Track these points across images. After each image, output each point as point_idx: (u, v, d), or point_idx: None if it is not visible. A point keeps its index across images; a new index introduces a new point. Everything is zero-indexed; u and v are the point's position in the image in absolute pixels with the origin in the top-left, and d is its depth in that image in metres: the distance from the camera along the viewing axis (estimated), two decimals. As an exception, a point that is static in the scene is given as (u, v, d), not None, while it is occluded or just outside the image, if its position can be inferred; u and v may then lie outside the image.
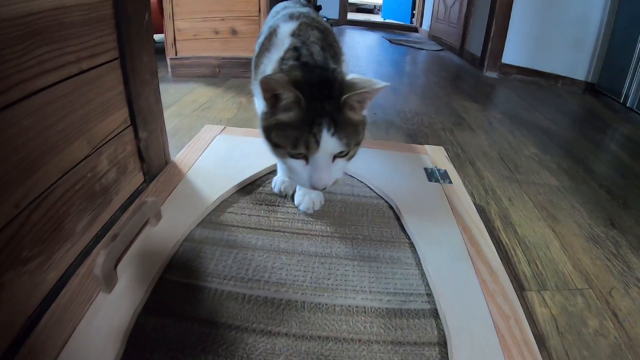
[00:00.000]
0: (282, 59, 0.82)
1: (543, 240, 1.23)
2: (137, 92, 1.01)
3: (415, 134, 1.74)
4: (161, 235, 0.84)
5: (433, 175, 1.14)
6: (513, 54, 3.43)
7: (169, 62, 2.59)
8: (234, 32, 2.53)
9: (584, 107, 2.96)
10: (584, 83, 3.27)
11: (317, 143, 0.71)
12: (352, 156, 0.80)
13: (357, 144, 0.78)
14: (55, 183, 0.73)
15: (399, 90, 2.55)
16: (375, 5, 8.44)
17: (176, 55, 2.57)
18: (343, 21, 5.67)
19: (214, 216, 0.93)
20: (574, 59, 3.29)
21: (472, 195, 1.32)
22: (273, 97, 0.73)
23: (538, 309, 0.96)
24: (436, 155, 1.26)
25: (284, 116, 0.73)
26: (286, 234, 0.90)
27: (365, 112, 0.81)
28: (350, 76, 0.77)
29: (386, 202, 1.03)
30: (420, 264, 0.84)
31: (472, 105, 2.44)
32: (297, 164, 0.75)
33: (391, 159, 1.22)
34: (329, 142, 0.72)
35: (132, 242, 0.79)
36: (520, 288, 1.01)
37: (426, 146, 1.31)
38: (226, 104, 1.98)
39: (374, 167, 1.16)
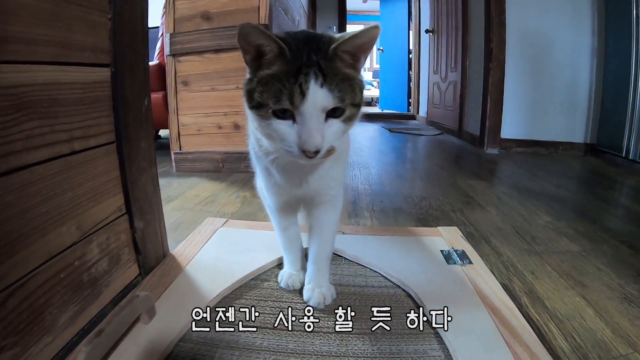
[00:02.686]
0: None
1: (575, 310, 1.17)
2: (134, 180, 0.99)
3: (425, 218, 1.74)
4: (154, 333, 0.79)
5: (451, 257, 1.12)
6: (511, 128, 3.53)
7: (173, 156, 2.66)
8: (236, 127, 2.62)
9: (587, 168, 2.99)
10: (584, 145, 3.37)
11: (303, 94, 0.65)
12: (350, 120, 0.72)
13: (355, 105, 0.71)
14: (38, 268, 0.69)
15: (404, 176, 2.59)
16: (372, 98, 8.85)
17: (180, 150, 2.66)
18: None
19: (213, 314, 0.88)
20: (570, 123, 3.42)
21: (492, 274, 1.29)
22: (256, 56, 0.70)
23: (587, 386, 0.89)
24: (451, 236, 1.24)
25: (267, 71, 0.68)
26: (295, 332, 0.85)
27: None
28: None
29: (404, 290, 1.00)
30: (450, 356, 0.78)
31: (478, 183, 2.45)
32: (284, 126, 0.68)
33: (404, 245, 1.21)
34: (317, 94, 0.65)
35: (120, 340, 0.75)
36: (565, 366, 0.94)
37: (439, 228, 1.30)
38: (229, 198, 2.00)
39: (387, 255, 1.14)
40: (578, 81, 3.41)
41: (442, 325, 0.84)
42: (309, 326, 0.86)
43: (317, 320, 0.88)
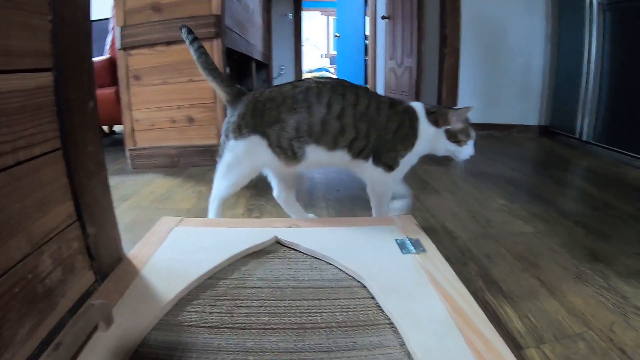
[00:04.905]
0: None
1: (530, 291, 1.19)
2: (83, 185, 0.96)
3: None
4: (113, 341, 0.76)
5: (405, 246, 1.12)
6: None
7: (128, 153, 2.59)
8: (190, 120, 2.57)
9: (542, 150, 3.08)
10: (538, 127, 3.50)
11: None
12: None
13: None
14: (-11, 285, 0.66)
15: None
16: None
17: (135, 145, 2.59)
18: None
19: (172, 317, 0.86)
20: (524, 107, 3.54)
21: (448, 259, 1.30)
22: None
23: (541, 366, 0.91)
24: (406, 225, 1.24)
25: None
26: (252, 330, 0.83)
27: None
28: None
29: (359, 282, 0.99)
30: (405, 345, 0.78)
31: (434, 168, 2.48)
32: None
33: (359, 236, 1.20)
34: None
35: (79, 351, 0.72)
36: (517, 347, 0.95)
37: (394, 217, 1.30)
38: (185, 193, 1.96)
39: (342, 247, 1.13)
40: (532, 66, 3.54)
41: (396, 316, 0.84)
42: (265, 323, 0.85)
43: (274, 317, 0.87)
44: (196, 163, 2.57)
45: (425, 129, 1.36)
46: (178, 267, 1.03)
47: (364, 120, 1.30)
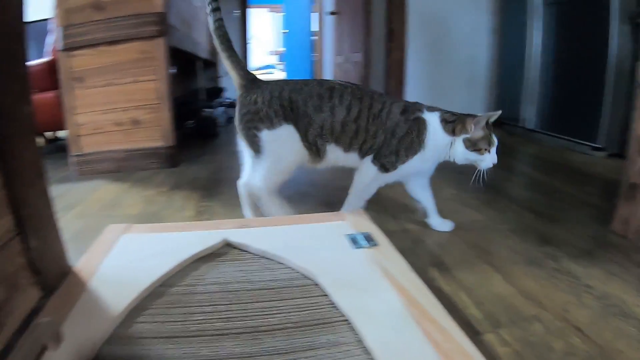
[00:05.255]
0: None
1: (484, 278, 1.20)
2: (22, 196, 0.90)
3: (332, 202, 1.71)
4: None
5: (356, 240, 1.10)
6: None
7: (73, 159, 2.46)
8: (136, 122, 2.47)
9: None
10: None
11: None
12: None
13: None
14: None
15: None
16: None
17: (80, 151, 2.45)
18: None
19: (124, 329, 0.81)
20: (471, 98, 3.65)
21: (401, 250, 1.29)
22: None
23: (500, 350, 0.91)
24: (356, 219, 1.23)
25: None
26: (207, 337, 0.79)
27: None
28: None
29: (312, 280, 0.97)
30: (362, 341, 0.76)
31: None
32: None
33: (311, 233, 1.18)
34: None
35: None
36: (475, 333, 0.95)
37: (345, 212, 1.28)
38: (134, 199, 1.88)
39: (293, 245, 1.10)
40: (477, 58, 3.66)
41: (351, 312, 0.82)
42: (219, 328, 0.82)
43: (228, 321, 0.84)
44: (143, 167, 2.47)
45: (436, 139, 1.34)
46: (127, 276, 0.98)
47: (375, 123, 1.33)
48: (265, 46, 9.96)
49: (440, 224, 1.51)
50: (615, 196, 1.55)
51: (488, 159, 1.34)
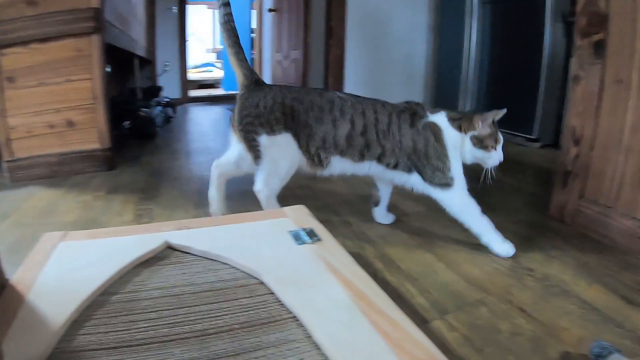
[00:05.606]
0: None
1: (428, 267, 1.23)
2: None
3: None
4: None
5: (299, 236, 1.08)
6: None
7: (5, 165, 2.29)
8: (70, 124, 2.33)
9: None
10: None
11: None
12: None
13: None
14: None
15: None
16: (216, 80, 8.61)
17: (12, 157, 2.28)
18: (185, 99, 5.65)
19: (66, 343, 0.76)
20: (409, 93, 3.66)
21: (345, 244, 1.29)
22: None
23: (448, 335, 0.93)
24: (298, 215, 1.21)
25: None
26: (153, 345, 0.75)
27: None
28: None
29: (256, 279, 0.95)
30: (311, 337, 0.75)
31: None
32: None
33: (253, 231, 1.15)
34: None
35: None
36: (423, 322, 0.97)
37: (285, 208, 1.26)
38: (70, 205, 1.79)
39: (235, 244, 1.07)
40: (415, 55, 3.72)
41: (298, 308, 0.81)
42: (165, 334, 0.78)
43: (174, 327, 0.80)
44: (79, 170, 2.35)
45: (451, 136, 1.32)
46: (67, 286, 0.92)
47: (388, 140, 1.31)
48: (204, 44, 9.76)
49: (382, 216, 1.53)
50: (550, 184, 1.61)
51: (495, 156, 1.33)
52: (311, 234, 1.09)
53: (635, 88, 1.37)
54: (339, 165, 1.36)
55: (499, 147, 1.33)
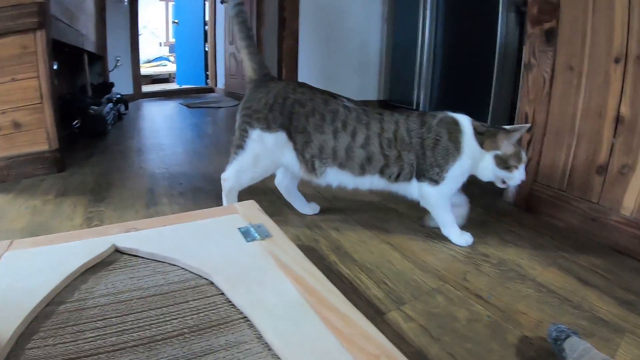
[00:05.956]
0: None
1: (383, 257, 1.21)
2: None
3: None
4: None
5: (249, 233, 1.05)
6: None
7: None
8: (17, 125, 2.19)
9: None
10: (378, 102, 3.74)
11: None
12: None
13: None
14: None
15: (202, 153, 2.46)
16: (170, 74, 8.40)
17: None
18: (138, 95, 5.47)
19: (13, 359, 0.71)
20: (363, 83, 3.75)
21: (298, 238, 1.27)
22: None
23: (405, 326, 0.91)
24: (248, 211, 1.17)
25: None
26: (101, 355, 0.71)
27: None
28: None
29: (206, 279, 0.91)
30: (262, 338, 0.72)
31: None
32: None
33: (202, 230, 1.10)
34: None
35: None
36: (378, 313, 0.95)
37: (235, 204, 1.22)
38: (18, 211, 1.69)
39: (184, 244, 1.03)
40: (369, 44, 3.76)
41: (248, 308, 0.78)
42: (113, 344, 0.74)
43: (122, 335, 0.76)
44: (27, 174, 2.22)
45: (470, 146, 1.25)
46: (12, 298, 0.86)
47: (393, 147, 1.25)
48: (157, 37, 9.51)
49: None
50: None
51: (517, 177, 1.25)
52: (261, 230, 1.05)
53: (586, 74, 1.40)
54: (336, 177, 1.31)
55: (522, 167, 1.25)
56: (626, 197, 1.31)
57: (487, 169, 1.26)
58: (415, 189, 1.28)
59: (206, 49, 6.79)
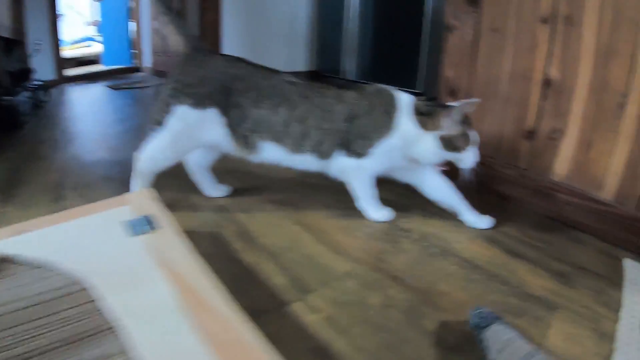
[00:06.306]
0: None
1: (293, 240, 1.12)
2: None
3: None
4: None
5: (135, 227, 0.92)
6: None
7: None
8: None
9: None
10: (307, 72, 3.65)
11: None
12: None
13: None
14: None
15: (122, 139, 2.26)
16: (97, 55, 8.01)
17: None
18: (61, 80, 5.13)
19: None
20: (291, 54, 3.67)
21: (203, 225, 1.16)
22: None
23: (308, 319, 0.82)
24: (142, 201, 1.04)
25: None
26: None
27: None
28: None
29: (82, 285, 0.80)
30: (134, 350, 0.63)
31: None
32: None
33: (86, 227, 0.99)
34: None
35: None
36: (280, 305, 0.86)
37: (129, 194, 1.08)
38: None
39: (67, 246, 0.93)
40: (297, 15, 3.67)
41: (121, 316, 0.69)
42: None
43: None
44: None
45: (406, 125, 1.15)
46: None
47: (330, 119, 1.17)
48: (84, 17, 9.05)
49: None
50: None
51: (467, 159, 1.17)
52: (149, 221, 0.94)
53: (512, 36, 1.34)
54: (271, 153, 1.21)
55: (472, 148, 1.16)
56: (557, 162, 1.28)
57: (428, 152, 1.16)
58: (336, 164, 1.21)
59: (131, 27, 6.50)
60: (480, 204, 1.27)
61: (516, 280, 0.97)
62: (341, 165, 1.20)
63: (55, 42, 5.20)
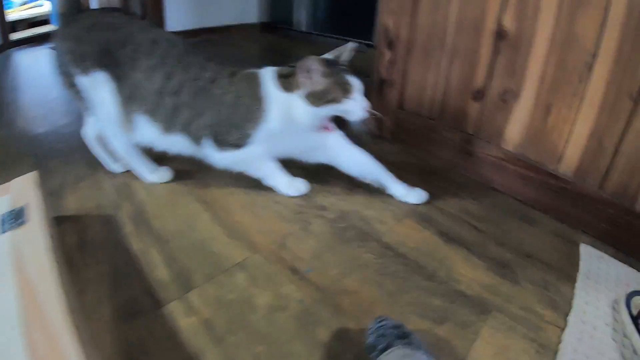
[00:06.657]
0: None
1: (188, 222, 0.98)
2: None
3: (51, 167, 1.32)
4: None
5: (3, 224, 0.79)
6: (177, 21, 3.19)
7: None
8: None
9: (262, 46, 3.08)
10: (259, 24, 3.56)
11: None
12: None
13: None
14: None
15: (66, 111, 2.04)
16: (49, 14, 7.50)
17: None
18: (8, 44, 4.70)
19: None
20: (242, 5, 3.48)
21: (98, 207, 1.03)
22: None
23: (183, 322, 0.72)
24: (24, 189, 0.90)
25: None
26: None
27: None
28: None
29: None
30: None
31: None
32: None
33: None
34: None
35: None
36: (155, 305, 0.75)
37: (13, 182, 0.93)
38: None
39: None
40: None
41: None
42: None
43: None
44: None
45: (274, 97, 1.01)
46: None
47: (202, 97, 1.02)
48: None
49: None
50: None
51: (354, 108, 1.00)
52: (18, 215, 0.81)
53: None
54: (146, 131, 1.06)
55: (357, 95, 1.00)
56: (508, 127, 1.14)
57: (302, 114, 1.02)
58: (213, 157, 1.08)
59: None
60: (415, 175, 1.15)
61: (445, 274, 0.84)
62: (221, 158, 1.07)
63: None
